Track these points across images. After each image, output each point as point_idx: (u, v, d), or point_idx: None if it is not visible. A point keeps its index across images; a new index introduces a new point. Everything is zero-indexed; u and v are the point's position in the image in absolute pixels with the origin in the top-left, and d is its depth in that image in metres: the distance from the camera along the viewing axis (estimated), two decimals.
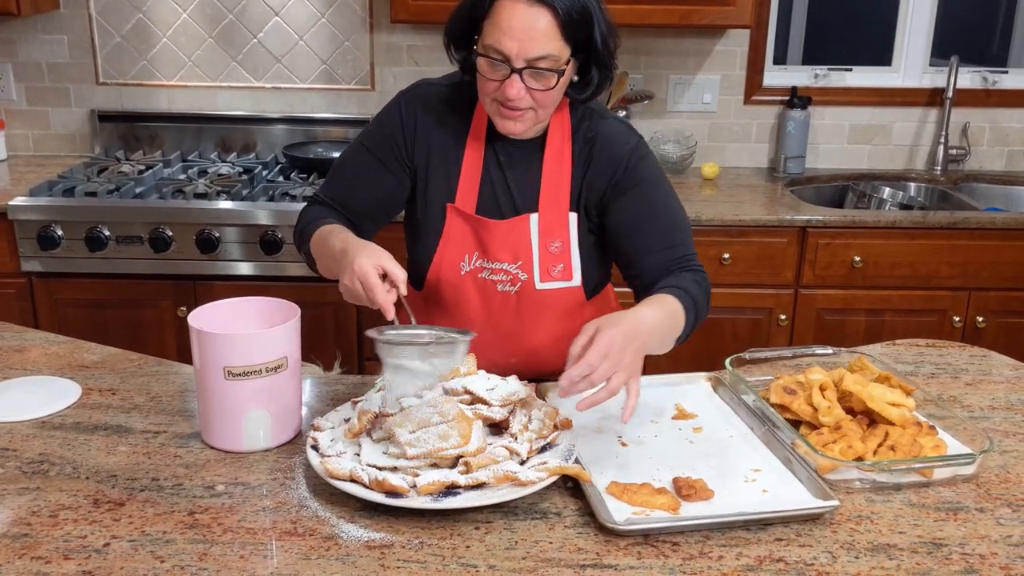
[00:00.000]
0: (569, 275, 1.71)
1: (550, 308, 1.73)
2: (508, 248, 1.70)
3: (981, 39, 4.04)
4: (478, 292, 1.73)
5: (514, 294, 1.72)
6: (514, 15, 1.50)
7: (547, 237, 1.69)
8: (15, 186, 3.03)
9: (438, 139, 1.72)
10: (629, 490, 1.34)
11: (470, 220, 1.70)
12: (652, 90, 3.40)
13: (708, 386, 1.72)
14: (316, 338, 2.93)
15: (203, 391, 1.46)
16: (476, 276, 1.72)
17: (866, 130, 3.54)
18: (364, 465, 1.33)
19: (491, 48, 1.54)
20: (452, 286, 1.73)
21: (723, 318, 3.00)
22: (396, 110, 1.75)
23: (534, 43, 1.51)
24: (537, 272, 1.70)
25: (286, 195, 2.93)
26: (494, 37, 1.53)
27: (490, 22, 1.53)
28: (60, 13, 3.29)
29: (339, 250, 1.56)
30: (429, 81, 1.78)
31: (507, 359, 1.73)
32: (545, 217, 1.69)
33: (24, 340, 1.87)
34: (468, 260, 1.72)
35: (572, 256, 1.71)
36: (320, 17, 3.32)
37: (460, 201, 1.70)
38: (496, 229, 1.69)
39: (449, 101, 1.73)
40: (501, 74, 1.55)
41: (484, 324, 1.72)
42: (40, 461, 1.43)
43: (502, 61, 1.54)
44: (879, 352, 1.89)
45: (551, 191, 1.69)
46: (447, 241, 1.71)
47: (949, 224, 2.97)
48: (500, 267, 1.71)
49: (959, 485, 1.41)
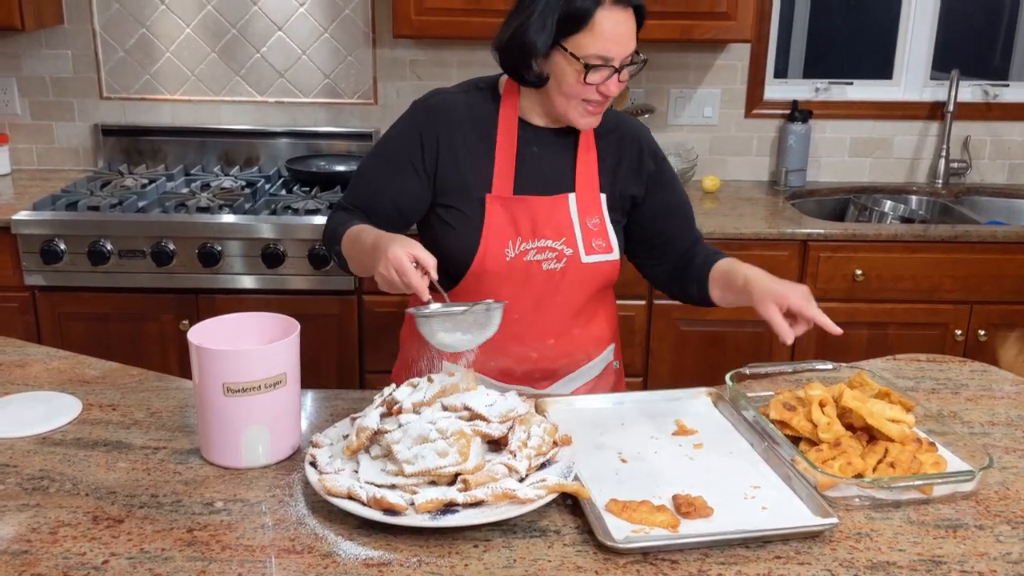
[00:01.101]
0: (609, 248, 1.83)
1: (592, 282, 1.84)
2: (552, 225, 1.79)
3: (982, 52, 4.04)
4: (523, 276, 1.79)
5: (559, 271, 1.80)
6: (617, 23, 1.65)
7: (585, 215, 1.81)
8: (19, 200, 3.04)
9: (462, 141, 1.78)
10: (628, 507, 1.33)
11: (511, 204, 1.77)
12: (653, 104, 3.41)
13: (709, 401, 1.72)
14: (317, 351, 2.93)
15: (202, 407, 1.46)
16: (521, 260, 1.78)
17: (867, 143, 3.54)
18: (362, 482, 1.33)
19: (595, 56, 1.66)
20: (495, 275, 1.78)
21: (724, 331, 3.00)
22: (413, 119, 1.82)
23: (631, 43, 1.69)
24: (582, 246, 1.80)
25: (288, 208, 2.94)
26: (598, 46, 1.66)
27: (589, 33, 1.65)
28: (64, 28, 3.31)
29: (371, 244, 1.63)
30: (442, 90, 1.86)
31: (544, 340, 1.83)
32: (581, 196, 1.81)
33: (26, 355, 1.88)
34: (512, 245, 1.78)
35: (608, 231, 1.83)
36: (323, 32, 3.34)
37: (498, 189, 1.78)
38: (540, 206, 1.79)
39: (470, 105, 1.81)
40: (603, 76, 1.68)
41: (524, 307, 1.79)
42: (40, 477, 1.44)
43: (605, 65, 1.67)
44: (879, 367, 1.89)
45: (584, 173, 1.82)
46: (489, 231, 1.77)
47: (951, 237, 2.97)
48: (546, 244, 1.79)
49: (959, 502, 1.40)
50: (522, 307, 1.78)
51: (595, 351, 1.91)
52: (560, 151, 1.82)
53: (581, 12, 1.64)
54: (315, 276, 2.88)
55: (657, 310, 2.99)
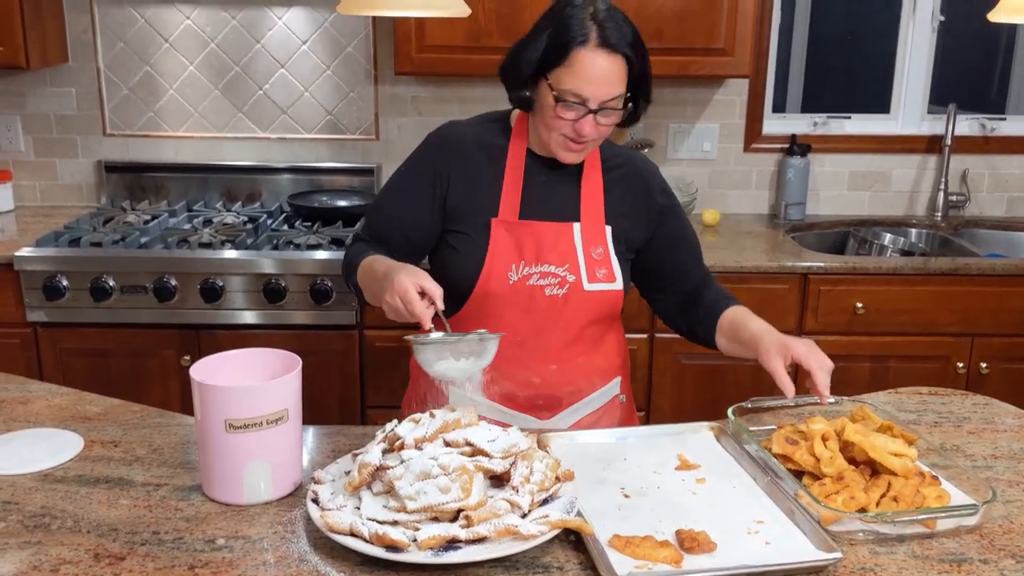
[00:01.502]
0: (612, 278, 1.83)
1: (594, 311, 1.84)
2: (556, 251, 1.81)
3: (978, 86, 4.07)
4: (525, 300, 1.80)
5: (562, 297, 1.81)
6: (595, 64, 1.65)
7: (589, 244, 1.83)
8: (22, 236, 3.05)
9: (474, 169, 1.82)
10: (632, 543, 1.33)
11: (516, 228, 1.80)
12: (652, 138, 3.44)
13: (711, 435, 1.72)
14: (319, 386, 2.93)
15: (204, 443, 1.46)
16: (524, 284, 1.80)
17: (866, 177, 3.56)
18: (364, 519, 1.33)
19: (569, 92, 1.67)
20: (498, 298, 1.80)
21: (726, 364, 3.00)
22: (426, 150, 1.87)
23: (611, 88, 1.68)
24: (584, 274, 1.81)
25: (290, 244, 2.95)
26: (573, 83, 1.66)
27: (568, 70, 1.67)
28: (69, 66, 3.35)
29: (382, 274, 1.68)
30: (456, 122, 1.90)
31: (547, 366, 1.83)
32: (586, 226, 1.83)
33: (28, 392, 1.88)
34: (516, 269, 1.80)
35: (613, 261, 1.84)
36: (325, 69, 3.37)
37: (504, 213, 1.80)
38: (545, 231, 1.81)
39: (480, 135, 1.85)
40: (575, 114, 1.69)
41: (527, 332, 1.80)
42: (42, 515, 1.43)
43: (579, 103, 1.67)
44: (881, 401, 1.89)
45: (589, 204, 1.84)
46: (493, 254, 1.79)
47: (950, 270, 2.98)
48: (549, 270, 1.80)
49: (963, 536, 1.40)
50: (524, 331, 1.80)
51: (600, 381, 1.91)
52: (567, 182, 1.84)
53: (563, 46, 1.66)
54: (316, 311, 2.88)
55: (659, 344, 3.00)
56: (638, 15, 2.93)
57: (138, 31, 3.32)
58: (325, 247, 2.93)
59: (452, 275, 1.82)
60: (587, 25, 1.66)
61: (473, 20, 2.95)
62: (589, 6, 1.68)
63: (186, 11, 3.31)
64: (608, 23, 1.66)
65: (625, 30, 1.68)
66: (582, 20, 1.66)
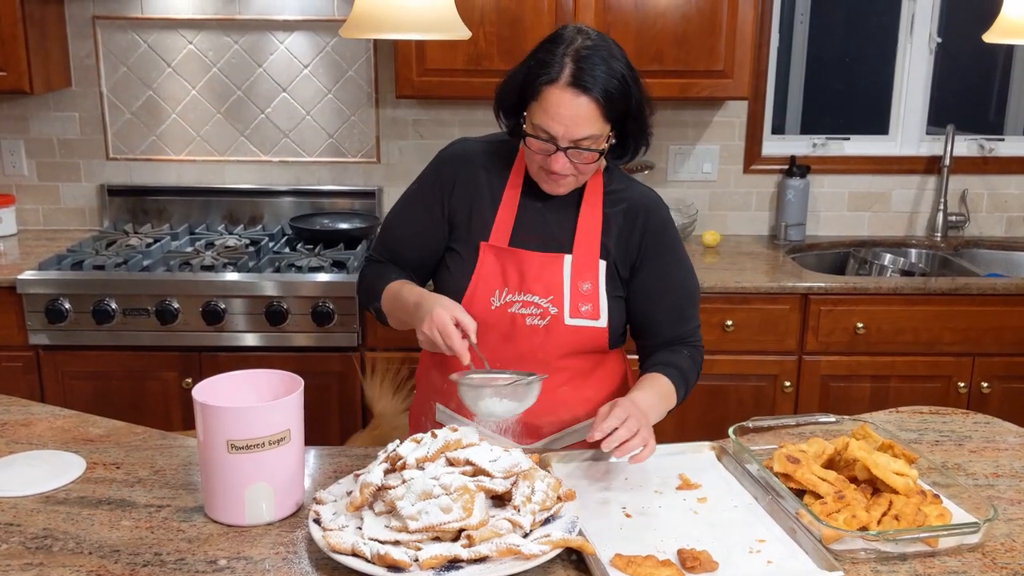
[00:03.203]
0: (597, 315, 1.79)
1: (576, 345, 1.80)
2: (542, 282, 1.78)
3: (976, 107, 4.09)
4: (506, 326, 1.79)
5: (542, 328, 1.78)
6: (561, 103, 1.62)
7: (578, 278, 1.78)
8: (24, 260, 3.06)
9: (477, 188, 1.82)
10: (633, 563, 1.33)
11: (503, 255, 1.79)
12: (652, 160, 3.45)
13: (712, 455, 1.72)
14: (320, 408, 2.93)
15: (206, 464, 1.46)
16: (505, 311, 1.78)
17: (865, 197, 3.58)
18: (366, 539, 1.33)
19: (539, 128, 1.66)
20: (481, 321, 1.76)
21: (727, 385, 3.00)
22: (435, 167, 1.87)
23: (579, 128, 1.64)
24: (568, 307, 1.77)
25: (292, 266, 2.96)
26: (542, 119, 1.65)
27: (538, 105, 1.65)
28: (72, 91, 3.37)
29: (413, 303, 1.69)
30: (467, 139, 1.90)
31: None
32: (578, 259, 1.79)
33: (30, 414, 1.88)
34: (499, 295, 1.79)
35: (600, 298, 1.79)
36: (327, 93, 3.39)
37: (495, 238, 1.79)
38: (531, 260, 1.78)
39: (488, 154, 1.85)
40: (546, 150, 1.68)
41: (508, 359, 1.78)
42: (44, 536, 1.43)
43: (548, 140, 1.66)
44: (882, 420, 1.89)
45: (584, 237, 1.80)
46: (479, 278, 1.79)
47: (950, 290, 2.99)
48: (531, 300, 1.78)
49: (964, 554, 1.40)
50: (505, 358, 1.77)
51: (585, 414, 1.85)
52: (565, 212, 1.81)
53: (534, 83, 1.65)
54: (318, 333, 2.89)
55: None
56: (639, 38, 2.98)
57: (141, 56, 3.35)
58: (327, 269, 2.94)
59: (441, 293, 1.81)
60: (562, 62, 1.62)
61: (473, 43, 2.98)
62: (575, 40, 1.65)
63: (189, 36, 3.34)
64: (585, 63, 1.61)
65: (607, 68, 1.62)
66: (559, 56, 1.62)
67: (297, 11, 3.31)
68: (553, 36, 1.70)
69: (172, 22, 3.32)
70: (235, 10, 3.30)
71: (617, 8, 2.99)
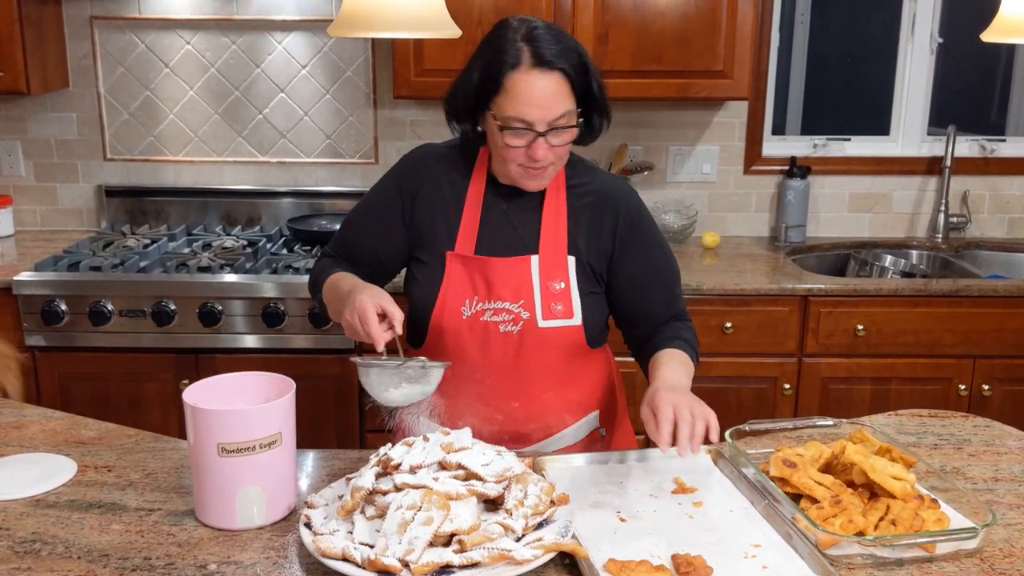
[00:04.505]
0: (570, 314, 1.76)
1: (552, 348, 1.77)
2: (510, 287, 1.75)
3: (978, 108, 4.08)
4: (479, 336, 1.76)
5: (516, 334, 1.75)
6: (532, 86, 1.60)
7: (548, 278, 1.75)
8: (21, 261, 3.06)
9: (439, 194, 1.79)
10: (627, 568, 1.31)
11: (470, 263, 1.76)
12: (652, 161, 3.44)
13: (709, 459, 1.71)
14: (317, 410, 2.92)
15: (197, 468, 1.45)
16: (478, 320, 1.75)
17: (866, 198, 3.56)
18: (357, 543, 1.32)
19: (513, 119, 1.62)
20: (453, 332, 1.76)
21: (727, 387, 2.99)
22: (397, 170, 1.85)
23: (554, 106, 1.61)
24: (539, 310, 1.74)
25: (289, 268, 2.95)
26: (515, 109, 1.61)
27: (505, 96, 1.62)
28: (69, 91, 3.36)
29: (346, 291, 1.68)
30: (429, 144, 1.88)
31: (509, 403, 1.78)
32: (545, 259, 1.76)
33: (22, 416, 1.87)
34: (469, 304, 1.76)
35: (573, 296, 1.76)
36: (325, 93, 3.38)
37: (460, 247, 1.77)
38: (498, 267, 1.75)
39: (450, 159, 1.82)
40: (526, 140, 1.64)
41: (485, 369, 1.76)
42: (32, 540, 1.42)
43: (526, 128, 1.62)
44: (881, 423, 1.87)
45: (550, 235, 1.76)
46: (447, 288, 1.76)
47: (951, 292, 2.97)
48: (502, 306, 1.75)
49: (962, 560, 1.38)
50: (484, 368, 1.75)
51: (571, 417, 1.84)
52: (528, 210, 1.78)
53: (494, 75, 1.62)
54: (315, 335, 2.87)
55: None
56: (638, 38, 2.97)
57: (138, 56, 3.34)
58: None
59: (413, 304, 1.81)
60: (519, 46, 1.61)
61: (472, 43, 2.94)
62: (522, 27, 1.64)
63: (186, 36, 3.32)
64: (540, 41, 1.61)
65: (561, 45, 1.62)
66: (513, 42, 1.61)
67: (295, 11, 3.30)
68: (497, 28, 1.68)
69: (170, 22, 3.31)
70: (233, 10, 3.29)
71: (616, 8, 2.97)
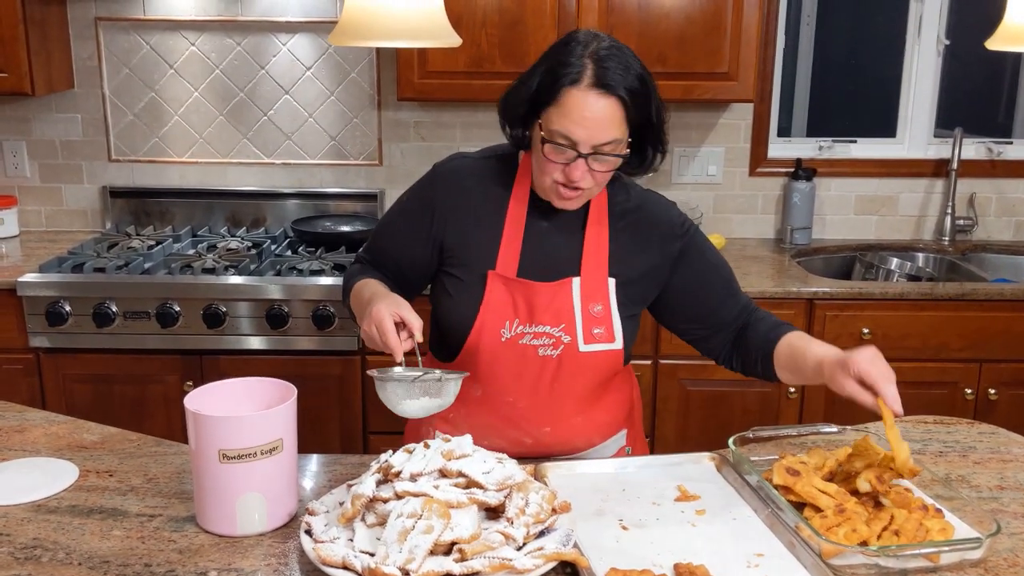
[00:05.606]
0: (611, 337, 1.74)
1: (590, 371, 1.75)
2: (552, 311, 1.72)
3: (985, 110, 4.06)
4: (517, 359, 1.73)
5: (555, 358, 1.72)
6: (585, 106, 1.55)
7: (589, 300, 1.73)
8: (25, 262, 3.06)
9: (475, 210, 1.74)
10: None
11: (512, 285, 1.72)
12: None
13: (712, 466, 1.70)
14: (321, 412, 2.91)
15: (198, 474, 1.45)
16: (516, 343, 1.72)
17: (872, 201, 3.55)
18: (357, 551, 1.31)
19: (558, 134, 1.58)
20: (490, 354, 1.73)
21: (732, 391, 2.98)
22: (430, 183, 1.80)
23: (602, 131, 1.57)
24: (581, 334, 1.72)
25: (293, 269, 2.94)
26: (562, 124, 1.57)
27: (557, 109, 1.57)
28: (74, 92, 3.36)
29: (366, 300, 1.67)
30: (464, 155, 1.83)
31: (540, 428, 1.76)
32: (587, 281, 1.73)
33: (25, 420, 1.87)
34: (509, 326, 1.72)
35: (613, 319, 1.74)
36: (329, 95, 3.38)
37: (502, 267, 1.72)
38: (541, 291, 1.72)
39: (485, 174, 1.77)
40: (566, 157, 1.59)
41: (519, 392, 1.74)
42: (33, 546, 1.42)
43: (568, 146, 1.58)
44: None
45: (592, 257, 1.74)
46: (487, 308, 1.72)
47: (958, 295, 2.95)
48: (543, 330, 1.72)
49: (967, 570, 1.37)
50: (517, 392, 1.73)
51: (599, 438, 1.82)
52: (570, 230, 1.75)
53: (554, 84, 1.57)
54: (319, 337, 2.87)
55: (663, 369, 2.97)
56: (642, 39, 2.96)
57: (143, 57, 3.34)
58: (328, 273, 2.93)
59: (447, 320, 1.77)
60: (583, 63, 1.56)
61: (475, 46, 2.96)
62: (591, 43, 1.59)
63: (191, 37, 3.32)
64: (607, 62, 1.56)
65: (627, 72, 1.57)
66: (579, 57, 1.56)
67: (299, 13, 3.29)
68: (566, 39, 1.63)
69: (174, 23, 3.31)
70: (237, 11, 3.29)
71: (620, 10, 2.97)
